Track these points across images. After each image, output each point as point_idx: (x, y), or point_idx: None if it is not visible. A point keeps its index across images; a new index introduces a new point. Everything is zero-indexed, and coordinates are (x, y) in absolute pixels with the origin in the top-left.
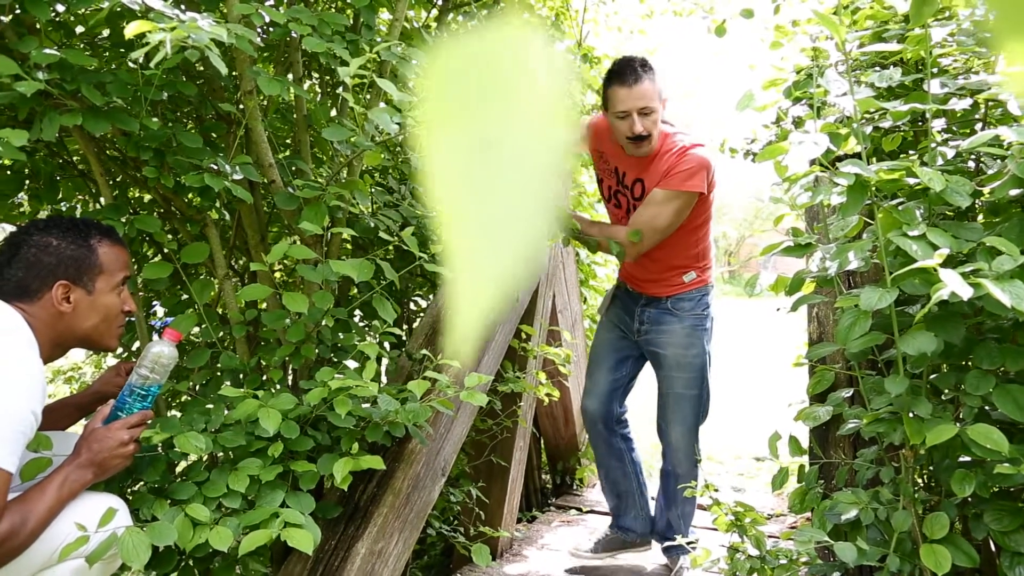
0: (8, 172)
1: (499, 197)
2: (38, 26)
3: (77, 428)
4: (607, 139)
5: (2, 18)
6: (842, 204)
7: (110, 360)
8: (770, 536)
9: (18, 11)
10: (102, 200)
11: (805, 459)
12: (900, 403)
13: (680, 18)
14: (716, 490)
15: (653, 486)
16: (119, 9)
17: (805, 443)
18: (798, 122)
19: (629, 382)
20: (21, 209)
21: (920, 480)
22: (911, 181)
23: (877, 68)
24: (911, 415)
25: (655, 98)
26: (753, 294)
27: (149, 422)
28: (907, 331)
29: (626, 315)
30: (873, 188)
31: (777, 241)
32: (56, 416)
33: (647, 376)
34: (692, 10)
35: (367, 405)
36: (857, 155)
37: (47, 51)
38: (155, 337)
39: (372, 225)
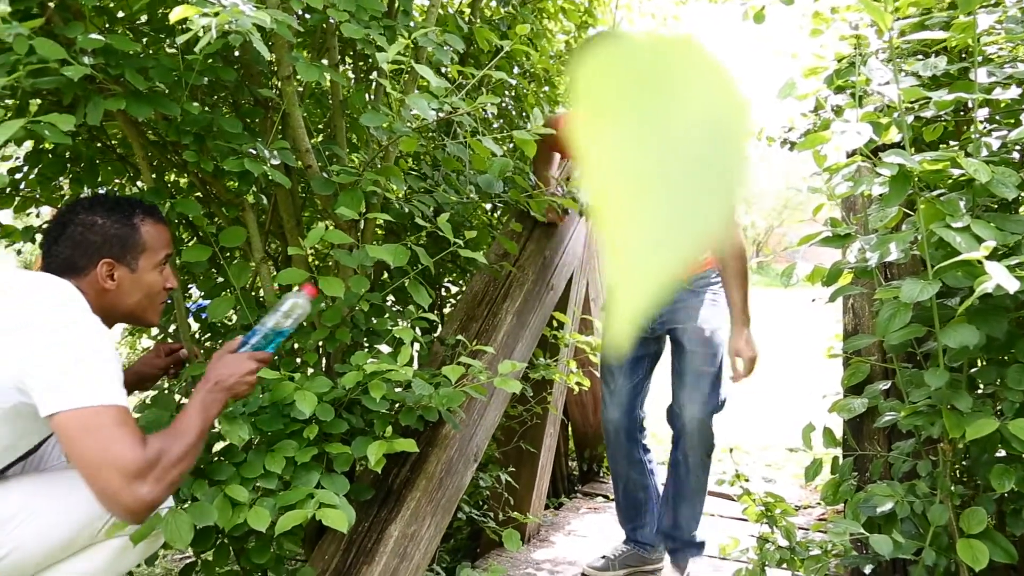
0: (50, 156)
1: (664, 194)
2: (83, 12)
3: None
4: None
5: (49, 3)
6: (883, 194)
7: (145, 341)
8: (799, 528)
9: None
10: (139, 184)
11: (838, 451)
12: (939, 396)
13: (715, 4)
14: (747, 480)
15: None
16: None
17: (838, 435)
18: (838, 111)
19: (646, 384)
20: (61, 192)
21: (957, 474)
22: (955, 172)
23: (920, 56)
24: (950, 409)
25: None
26: (789, 284)
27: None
28: (948, 324)
29: None
30: (916, 179)
31: (811, 232)
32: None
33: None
34: None
35: (400, 389)
36: (897, 145)
37: (93, 36)
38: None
39: (406, 211)
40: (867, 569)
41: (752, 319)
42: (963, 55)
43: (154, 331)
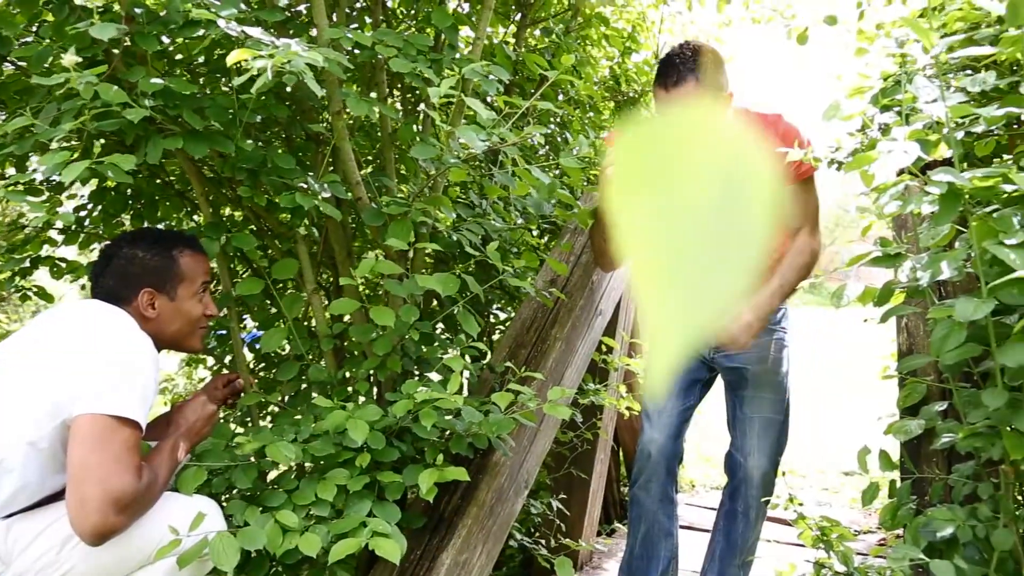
0: (113, 193)
1: (694, 253)
2: (145, 57)
3: None
4: None
5: (114, 51)
6: (934, 213)
7: (201, 371)
8: (857, 553)
9: (128, 43)
10: (196, 218)
11: (895, 474)
12: (998, 417)
13: (758, 25)
14: (801, 504)
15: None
16: (216, 38)
17: (894, 457)
18: (885, 129)
19: (693, 412)
20: (123, 228)
21: (1021, 497)
22: (1008, 188)
23: (969, 72)
24: (1011, 429)
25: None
26: (840, 305)
27: (241, 431)
28: (1005, 342)
29: None
30: (967, 196)
31: (863, 251)
32: (156, 432)
33: None
34: (771, 17)
35: (451, 417)
36: (947, 161)
37: (154, 80)
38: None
39: (454, 239)
40: None
41: (774, 304)
42: (1013, 69)
43: (211, 362)
